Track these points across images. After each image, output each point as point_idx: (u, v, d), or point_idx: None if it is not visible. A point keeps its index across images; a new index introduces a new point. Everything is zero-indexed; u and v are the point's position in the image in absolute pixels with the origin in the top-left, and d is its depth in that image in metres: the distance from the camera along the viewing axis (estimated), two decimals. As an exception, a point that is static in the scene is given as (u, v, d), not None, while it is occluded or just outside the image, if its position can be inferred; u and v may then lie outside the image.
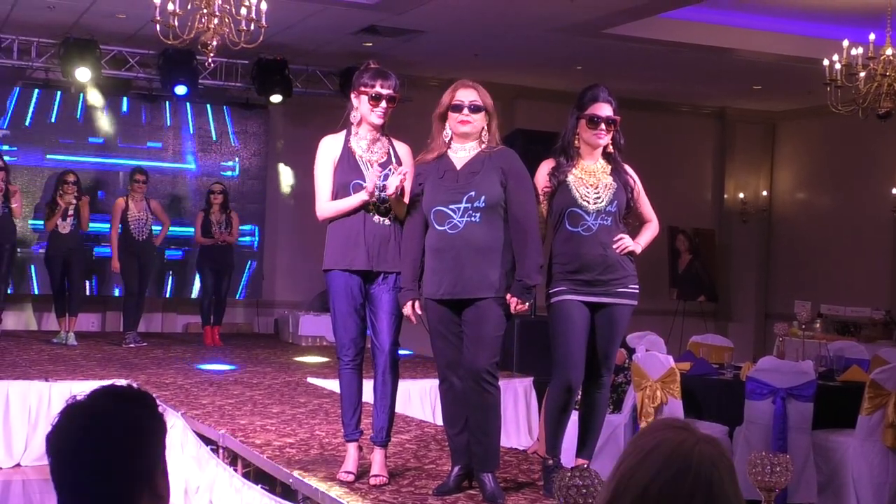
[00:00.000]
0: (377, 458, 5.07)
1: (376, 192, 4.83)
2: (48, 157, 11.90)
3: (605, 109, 4.93)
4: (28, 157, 11.83)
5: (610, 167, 4.98)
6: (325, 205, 5.03)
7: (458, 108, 4.79)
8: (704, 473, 1.70)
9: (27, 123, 11.84)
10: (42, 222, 11.01)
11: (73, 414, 2.01)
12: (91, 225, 11.03)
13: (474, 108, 4.79)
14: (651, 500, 1.68)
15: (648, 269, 14.19)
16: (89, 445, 1.97)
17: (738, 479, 1.75)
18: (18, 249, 10.89)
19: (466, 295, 4.70)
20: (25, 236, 11.43)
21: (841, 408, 7.48)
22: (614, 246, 4.87)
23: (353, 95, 5.09)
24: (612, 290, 4.89)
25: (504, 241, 4.73)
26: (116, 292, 11.93)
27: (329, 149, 5.07)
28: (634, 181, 5.03)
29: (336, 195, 4.99)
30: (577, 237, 4.85)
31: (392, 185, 4.79)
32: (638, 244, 5.01)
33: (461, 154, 4.83)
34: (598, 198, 4.90)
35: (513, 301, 4.69)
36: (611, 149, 5.01)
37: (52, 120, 11.93)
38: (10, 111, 11.71)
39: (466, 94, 4.81)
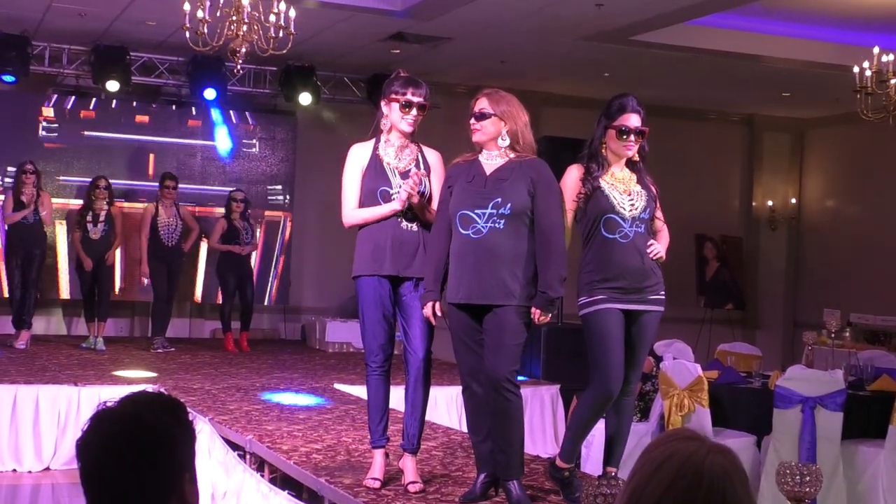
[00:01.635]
0: (409, 465, 5.07)
1: (408, 203, 4.85)
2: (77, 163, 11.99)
3: (634, 120, 4.92)
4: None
5: (635, 176, 4.98)
6: (352, 212, 5.05)
7: (470, 116, 4.83)
8: (717, 484, 1.69)
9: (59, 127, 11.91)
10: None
11: (103, 420, 2.02)
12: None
13: (480, 116, 4.79)
14: None
15: (675, 276, 14.09)
16: (118, 452, 1.97)
17: (751, 489, 1.74)
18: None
19: (484, 301, 4.69)
20: (55, 242, 11.49)
21: (871, 418, 7.44)
22: (648, 252, 4.87)
23: (383, 103, 5.10)
24: (646, 297, 4.89)
25: (527, 251, 4.70)
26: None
27: (357, 156, 5.09)
28: (657, 190, 5.04)
29: (363, 202, 5.01)
30: (614, 244, 4.82)
31: (405, 190, 4.82)
32: (663, 250, 5.02)
33: (491, 161, 4.82)
34: (633, 205, 4.89)
35: (536, 313, 4.67)
36: (636, 158, 5.00)
37: (82, 125, 12.00)
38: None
39: (478, 103, 4.83)
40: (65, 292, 11.83)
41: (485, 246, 4.67)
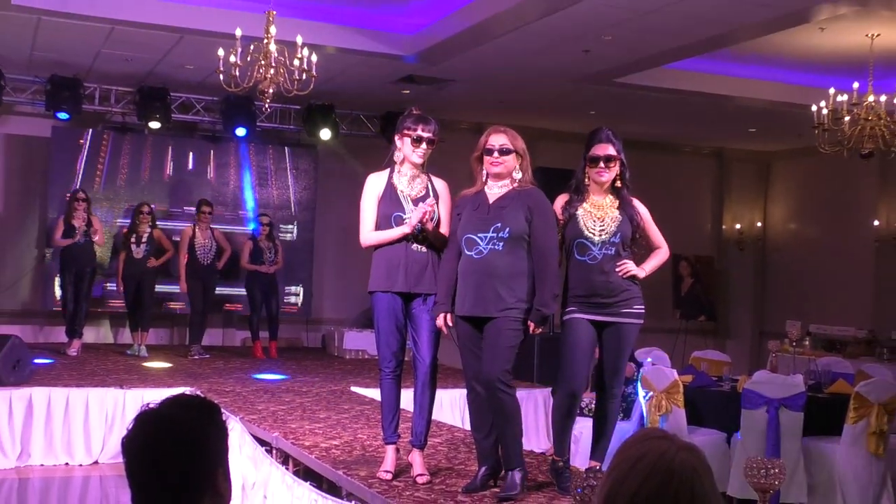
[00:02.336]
0: (418, 459, 5.07)
1: (417, 226, 4.86)
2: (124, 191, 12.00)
3: (603, 149, 4.94)
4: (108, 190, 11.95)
5: (618, 201, 4.97)
6: (368, 234, 5.07)
7: (489, 152, 4.84)
8: (686, 479, 1.68)
9: (107, 161, 11.94)
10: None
11: (146, 419, 2.02)
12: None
13: (504, 151, 4.83)
14: None
15: (654, 291, 14.07)
16: (158, 448, 1.98)
17: (715, 483, 1.74)
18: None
19: (483, 313, 4.72)
20: (103, 260, 11.50)
21: (828, 417, 7.42)
22: (617, 270, 4.86)
23: (396, 137, 5.12)
24: (617, 310, 4.88)
25: (523, 269, 4.73)
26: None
27: (373, 185, 5.10)
28: (640, 214, 5.00)
29: (378, 225, 5.02)
30: (584, 265, 4.86)
31: (415, 216, 4.84)
32: (642, 269, 4.97)
33: (495, 190, 4.86)
34: (604, 230, 4.90)
35: (531, 325, 4.72)
36: (618, 184, 5.01)
37: (128, 158, 12.02)
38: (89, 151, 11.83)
39: (497, 139, 4.84)
40: (112, 305, 11.83)
41: (484, 265, 4.72)
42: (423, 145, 5.02)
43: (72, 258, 10.48)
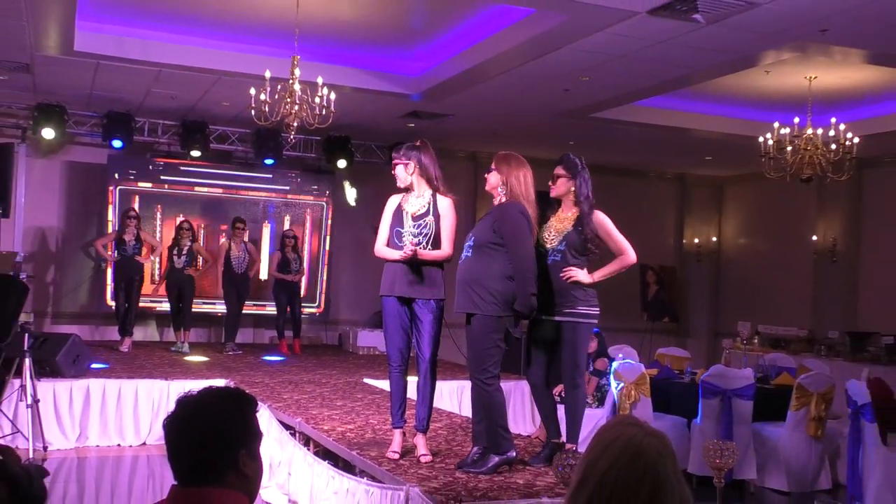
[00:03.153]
0: (421, 441, 5.05)
1: (408, 256, 4.83)
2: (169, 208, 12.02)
3: (556, 170, 5.02)
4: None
5: (577, 214, 4.94)
6: (378, 248, 5.06)
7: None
8: (651, 461, 1.68)
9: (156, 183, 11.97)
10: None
11: (183, 404, 2.05)
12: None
13: (488, 170, 4.90)
14: (610, 483, 1.67)
15: (624, 296, 14.17)
16: (189, 428, 2.01)
17: (678, 465, 1.73)
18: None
19: (460, 310, 4.75)
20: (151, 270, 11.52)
21: (774, 405, 7.43)
22: (561, 276, 4.83)
23: None
24: (561, 310, 4.84)
25: (491, 272, 4.67)
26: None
27: (390, 204, 5.08)
28: (595, 225, 4.91)
29: (389, 238, 5.00)
30: (541, 270, 4.83)
31: (406, 250, 4.81)
32: (591, 276, 4.88)
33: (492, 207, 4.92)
34: (552, 240, 4.91)
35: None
36: (572, 197, 4.97)
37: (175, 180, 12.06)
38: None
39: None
40: (158, 308, 11.83)
41: (460, 271, 4.79)
42: (395, 170, 5.02)
43: (123, 269, 10.51)
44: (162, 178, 11.92)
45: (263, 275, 11.96)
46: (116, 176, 11.64)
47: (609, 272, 4.97)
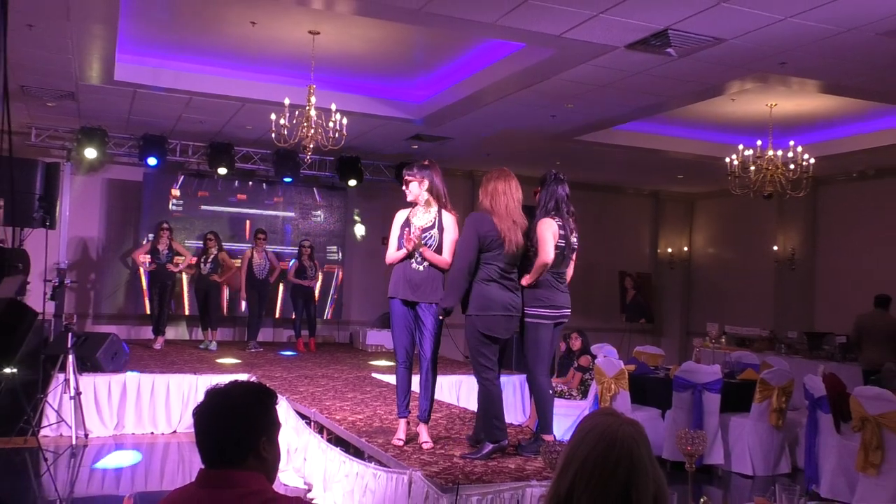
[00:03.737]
0: (423, 430, 5.05)
1: (409, 249, 4.86)
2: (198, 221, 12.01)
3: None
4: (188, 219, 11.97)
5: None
6: (389, 254, 5.05)
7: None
8: (626, 447, 1.69)
9: (184, 199, 11.96)
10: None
11: (212, 395, 2.07)
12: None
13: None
14: (589, 467, 1.68)
15: (604, 300, 14.19)
16: (214, 415, 2.03)
17: (652, 451, 1.73)
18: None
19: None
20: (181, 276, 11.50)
21: (740, 398, 7.42)
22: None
23: None
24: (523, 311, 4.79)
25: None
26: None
27: (399, 217, 5.08)
28: (533, 232, 4.81)
29: (398, 246, 5.01)
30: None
31: (406, 241, 4.87)
32: (525, 280, 4.78)
33: None
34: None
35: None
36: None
37: (201, 195, 12.05)
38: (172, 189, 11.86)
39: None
40: (187, 310, 11.83)
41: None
42: (408, 186, 5.00)
43: (156, 275, 10.52)
44: (191, 192, 11.93)
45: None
46: (151, 191, 11.65)
47: (533, 276, 4.74)
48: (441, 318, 4.84)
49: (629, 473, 1.66)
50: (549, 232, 4.73)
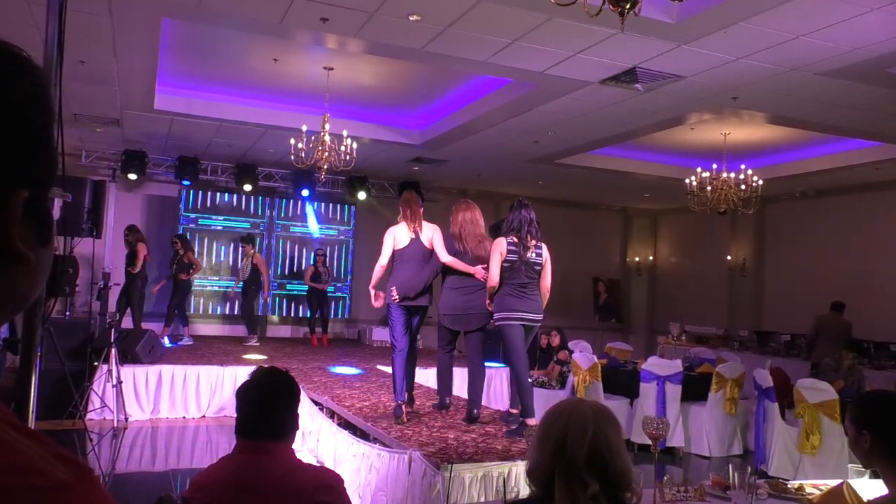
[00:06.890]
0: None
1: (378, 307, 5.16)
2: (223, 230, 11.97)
3: None
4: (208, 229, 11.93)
5: None
6: (379, 264, 5.23)
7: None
8: (590, 419, 1.71)
9: (212, 212, 11.93)
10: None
11: (255, 376, 2.15)
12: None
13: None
14: (560, 440, 1.70)
15: (580, 302, 14.17)
16: (259, 393, 2.10)
17: (617, 424, 1.74)
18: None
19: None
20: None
21: (698, 388, 7.42)
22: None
23: (400, 205, 5.29)
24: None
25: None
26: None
27: (390, 232, 5.22)
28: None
29: (392, 257, 5.14)
30: None
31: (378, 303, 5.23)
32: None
33: None
34: None
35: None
36: None
37: (232, 208, 12.03)
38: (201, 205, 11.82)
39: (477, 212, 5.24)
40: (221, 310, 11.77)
41: None
42: (404, 211, 5.20)
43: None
44: (220, 207, 11.91)
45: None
46: (185, 205, 11.64)
47: (488, 292, 4.94)
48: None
49: (565, 429, 1.70)
50: (496, 251, 4.82)
